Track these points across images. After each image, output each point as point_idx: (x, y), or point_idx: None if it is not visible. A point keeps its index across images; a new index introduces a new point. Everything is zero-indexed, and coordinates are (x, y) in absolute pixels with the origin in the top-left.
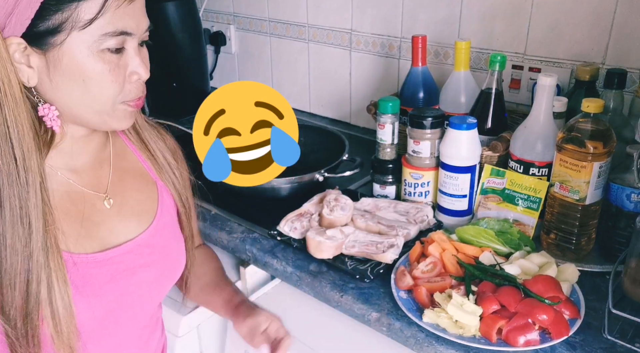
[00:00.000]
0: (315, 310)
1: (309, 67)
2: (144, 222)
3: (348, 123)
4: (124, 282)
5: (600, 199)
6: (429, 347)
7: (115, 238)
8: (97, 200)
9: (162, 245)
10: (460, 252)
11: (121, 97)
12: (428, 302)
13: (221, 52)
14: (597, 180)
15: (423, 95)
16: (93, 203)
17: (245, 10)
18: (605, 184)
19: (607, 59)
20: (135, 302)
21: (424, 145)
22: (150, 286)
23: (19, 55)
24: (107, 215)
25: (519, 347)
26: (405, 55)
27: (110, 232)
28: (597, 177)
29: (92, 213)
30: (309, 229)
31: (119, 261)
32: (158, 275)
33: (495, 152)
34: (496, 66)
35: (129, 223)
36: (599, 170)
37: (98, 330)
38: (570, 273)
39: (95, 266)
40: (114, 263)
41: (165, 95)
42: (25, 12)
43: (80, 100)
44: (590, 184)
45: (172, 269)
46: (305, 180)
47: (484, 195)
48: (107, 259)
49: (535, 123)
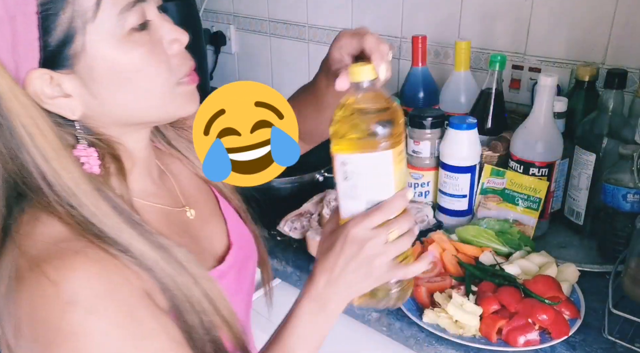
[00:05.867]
0: None
1: (309, 67)
2: (219, 221)
3: None
4: (241, 283)
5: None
6: (429, 347)
7: (214, 246)
8: (183, 215)
9: (243, 235)
10: (460, 252)
11: (175, 78)
12: (428, 302)
13: (221, 52)
14: None
15: (423, 95)
16: (182, 219)
17: (245, 10)
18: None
19: (607, 59)
20: (250, 296)
21: (424, 145)
22: (254, 274)
23: (50, 90)
24: (196, 226)
25: (519, 347)
26: (405, 55)
27: (209, 242)
28: None
29: (187, 229)
30: (309, 229)
31: (230, 266)
32: (254, 260)
33: (495, 152)
34: (496, 66)
35: (213, 228)
36: None
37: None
38: (570, 273)
39: (222, 279)
40: (230, 270)
41: None
42: (26, 33)
43: (137, 103)
44: None
45: (253, 252)
46: (305, 180)
47: (484, 195)
48: (227, 269)
49: (536, 123)
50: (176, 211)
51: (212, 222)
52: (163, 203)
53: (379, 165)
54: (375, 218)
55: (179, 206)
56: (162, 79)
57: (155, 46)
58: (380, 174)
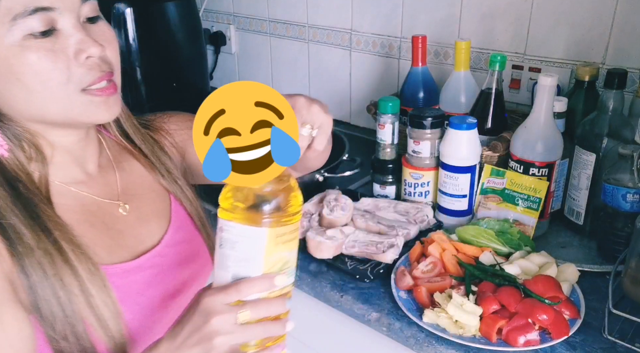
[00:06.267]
0: (315, 310)
1: (309, 67)
2: (163, 222)
3: (348, 123)
4: (163, 285)
5: None
6: (429, 347)
7: (141, 244)
8: (114, 208)
9: (187, 240)
10: (460, 252)
11: (74, 85)
12: (428, 302)
13: (221, 52)
14: None
15: (423, 95)
16: (111, 212)
17: (245, 10)
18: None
19: (607, 59)
20: (179, 302)
21: (424, 145)
22: (188, 284)
23: None
24: (127, 221)
25: (519, 347)
26: (405, 55)
27: (135, 238)
28: None
29: (113, 222)
30: (309, 229)
31: (151, 265)
32: (193, 272)
33: (495, 152)
34: (496, 66)
35: (150, 227)
36: None
37: (149, 337)
38: (570, 273)
39: (131, 275)
40: (147, 268)
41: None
42: None
43: (28, 102)
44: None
45: (205, 261)
46: (305, 180)
47: (484, 195)
48: (139, 266)
49: (536, 123)
50: (106, 203)
51: (152, 222)
52: (91, 193)
53: (252, 240)
54: (229, 294)
55: (113, 199)
56: (56, 83)
57: (54, 53)
58: (250, 250)
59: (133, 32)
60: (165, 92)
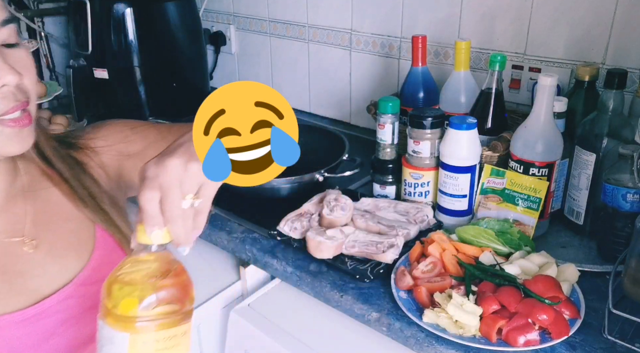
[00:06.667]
0: (315, 310)
1: (309, 67)
2: (84, 256)
3: (348, 123)
4: (72, 332)
5: None
6: (429, 347)
7: (50, 284)
8: (16, 247)
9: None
10: (460, 252)
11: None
12: (428, 302)
13: (221, 52)
14: None
15: (423, 95)
16: (12, 250)
17: (245, 10)
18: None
19: (607, 59)
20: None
21: (424, 145)
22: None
23: None
24: (33, 260)
25: (519, 347)
26: (405, 55)
27: (41, 278)
28: None
29: (13, 263)
30: (309, 229)
31: (58, 310)
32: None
33: (495, 152)
34: (496, 66)
35: (64, 263)
36: None
37: None
38: (570, 273)
39: (29, 324)
40: (53, 314)
41: (165, 95)
42: None
43: None
44: None
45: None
46: (305, 180)
47: (484, 195)
48: (41, 312)
49: (536, 123)
50: (6, 242)
51: (67, 257)
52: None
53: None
54: None
55: (17, 236)
56: None
57: None
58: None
59: (133, 32)
60: (165, 92)
